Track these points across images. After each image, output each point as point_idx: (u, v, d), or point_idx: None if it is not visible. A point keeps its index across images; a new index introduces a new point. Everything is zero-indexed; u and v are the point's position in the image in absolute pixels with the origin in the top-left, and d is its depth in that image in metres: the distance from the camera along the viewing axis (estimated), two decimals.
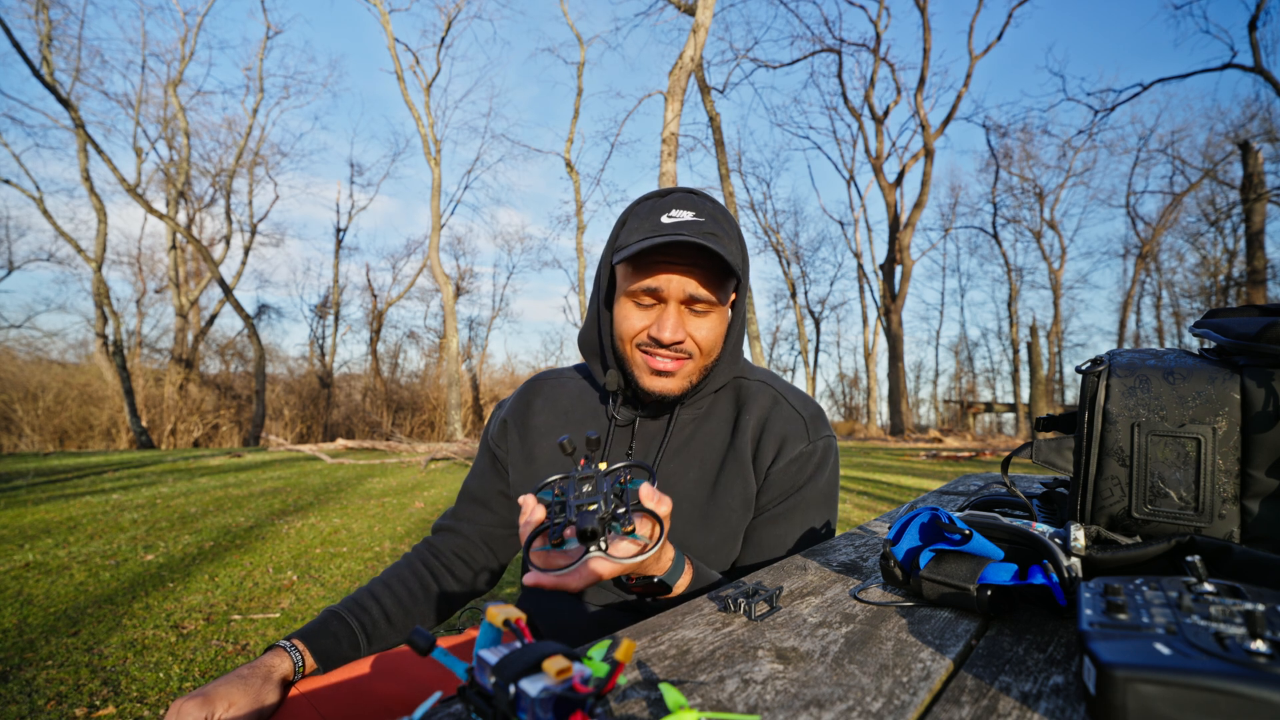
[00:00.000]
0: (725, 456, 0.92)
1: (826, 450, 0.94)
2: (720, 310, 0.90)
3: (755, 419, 0.93)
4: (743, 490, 0.91)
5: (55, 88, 13.85)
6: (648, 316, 0.88)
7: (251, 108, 21.40)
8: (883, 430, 23.72)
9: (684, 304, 0.87)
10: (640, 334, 0.88)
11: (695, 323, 0.88)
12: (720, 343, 0.92)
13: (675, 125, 10.96)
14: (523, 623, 0.37)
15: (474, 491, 1.05)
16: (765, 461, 0.91)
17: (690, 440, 0.94)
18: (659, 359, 0.88)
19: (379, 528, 4.75)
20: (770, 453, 0.91)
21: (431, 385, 23.00)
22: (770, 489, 0.91)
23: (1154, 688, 0.32)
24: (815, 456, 0.92)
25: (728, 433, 0.94)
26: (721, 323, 0.91)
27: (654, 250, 0.85)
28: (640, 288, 0.86)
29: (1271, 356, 0.55)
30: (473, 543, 1.03)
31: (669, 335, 0.85)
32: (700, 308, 0.88)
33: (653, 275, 0.85)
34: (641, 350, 0.89)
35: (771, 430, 0.92)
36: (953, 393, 34.13)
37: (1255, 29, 15.51)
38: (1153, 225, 23.47)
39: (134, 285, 22.27)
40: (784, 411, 0.94)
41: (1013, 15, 20.23)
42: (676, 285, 0.85)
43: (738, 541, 0.91)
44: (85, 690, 2.06)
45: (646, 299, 0.87)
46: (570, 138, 19.39)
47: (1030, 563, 0.56)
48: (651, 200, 0.91)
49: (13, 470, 7.87)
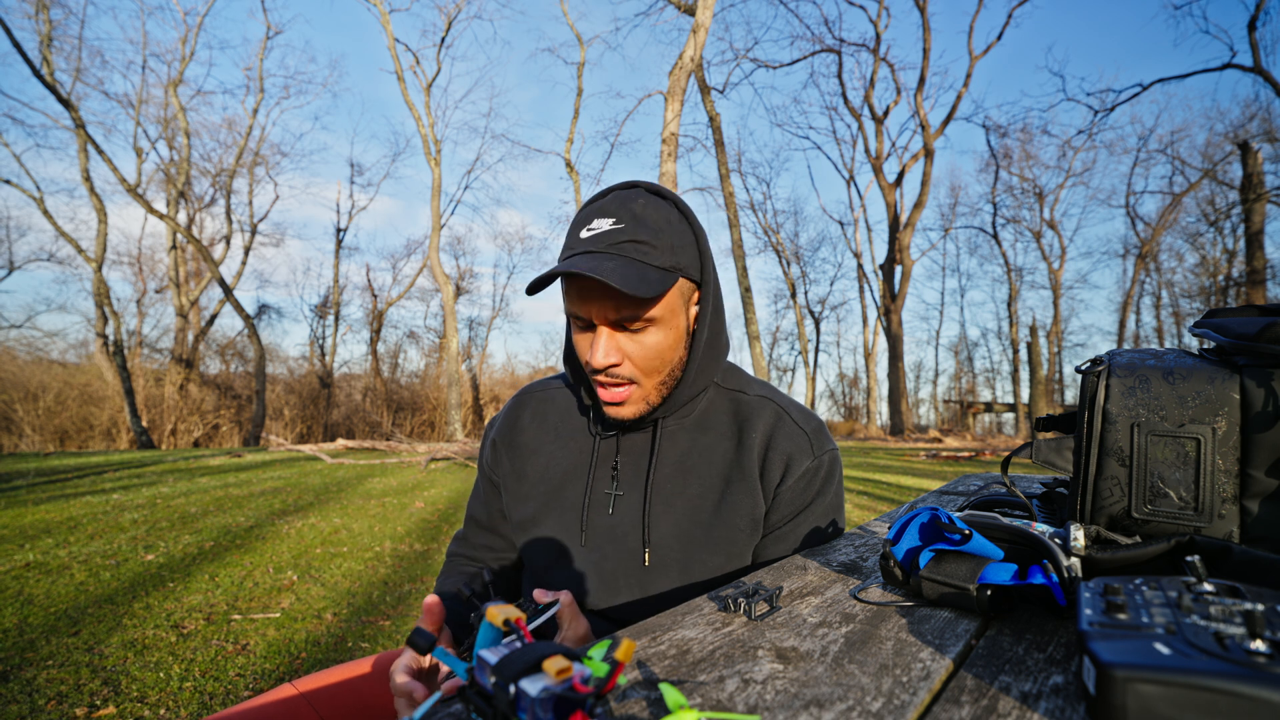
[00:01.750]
0: (730, 474, 0.88)
1: (832, 464, 0.91)
2: (661, 322, 0.82)
3: (761, 435, 0.89)
4: (750, 510, 0.87)
5: (55, 88, 13.85)
6: (585, 341, 0.83)
7: (251, 108, 21.42)
8: (883, 430, 23.71)
9: (614, 326, 0.81)
10: (587, 361, 0.83)
11: (632, 343, 0.81)
12: (672, 355, 0.84)
13: (675, 125, 10.95)
14: (523, 623, 0.37)
15: (479, 519, 1.04)
16: (774, 481, 0.87)
17: (688, 454, 0.90)
18: (605, 388, 0.83)
19: (379, 528, 4.75)
20: (778, 472, 0.87)
21: (431, 385, 23.01)
22: (779, 508, 0.88)
23: (1154, 688, 0.32)
24: (822, 471, 0.90)
25: (731, 449, 0.89)
26: (667, 334, 0.83)
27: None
28: (571, 311, 0.82)
29: (1271, 356, 0.55)
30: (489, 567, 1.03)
31: (599, 359, 0.80)
32: (636, 326, 0.81)
33: (573, 299, 0.80)
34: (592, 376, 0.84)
35: (777, 448, 0.88)
36: (953, 393, 34.15)
37: (1255, 29, 15.51)
38: (1152, 225, 23.48)
39: (134, 285, 22.30)
40: (788, 428, 0.90)
41: (1013, 15, 20.25)
42: (597, 308, 0.79)
43: (744, 561, 0.88)
44: (85, 690, 2.06)
45: (581, 325, 0.83)
46: (570, 138, 19.37)
47: (1030, 563, 0.56)
48: (586, 208, 0.84)
49: (13, 470, 7.87)
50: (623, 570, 0.86)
